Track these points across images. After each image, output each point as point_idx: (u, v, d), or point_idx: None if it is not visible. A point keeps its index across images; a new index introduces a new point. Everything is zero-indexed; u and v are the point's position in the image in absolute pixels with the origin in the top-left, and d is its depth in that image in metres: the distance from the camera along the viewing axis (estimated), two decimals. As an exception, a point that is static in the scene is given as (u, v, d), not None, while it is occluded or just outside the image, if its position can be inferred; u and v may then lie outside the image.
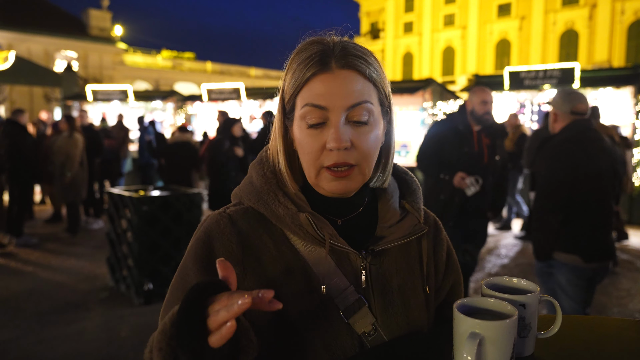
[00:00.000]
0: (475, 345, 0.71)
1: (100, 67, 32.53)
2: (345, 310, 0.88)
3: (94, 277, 5.52)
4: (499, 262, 6.21)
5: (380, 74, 0.89)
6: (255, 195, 0.92)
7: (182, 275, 0.90)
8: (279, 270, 0.88)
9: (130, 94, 14.29)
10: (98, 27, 33.92)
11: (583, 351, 0.85)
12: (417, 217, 0.97)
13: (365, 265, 0.91)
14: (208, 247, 0.89)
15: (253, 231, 0.90)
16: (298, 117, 0.87)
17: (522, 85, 9.39)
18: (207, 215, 0.95)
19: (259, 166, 0.96)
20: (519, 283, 0.89)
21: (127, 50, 36.41)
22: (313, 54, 0.85)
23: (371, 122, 0.86)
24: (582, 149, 2.75)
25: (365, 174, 0.88)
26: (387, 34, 42.86)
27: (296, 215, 0.88)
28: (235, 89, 12.99)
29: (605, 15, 30.88)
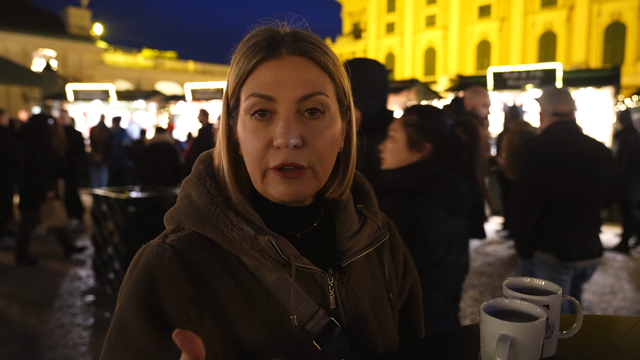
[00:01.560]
0: (506, 347, 0.70)
1: (80, 66, 32.00)
2: (317, 337, 0.78)
3: (78, 279, 5.42)
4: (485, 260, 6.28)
5: (338, 67, 0.78)
6: (200, 218, 0.77)
7: (122, 328, 0.72)
8: (240, 304, 0.75)
9: (112, 94, 14.09)
10: (77, 26, 33.34)
11: (603, 351, 0.85)
12: (376, 221, 0.90)
13: (333, 284, 0.82)
14: (151, 290, 0.72)
15: (203, 262, 0.75)
16: (242, 112, 0.76)
17: (505, 86, 9.52)
18: (141, 249, 0.78)
19: (198, 182, 0.81)
20: (540, 284, 0.89)
21: (107, 49, 35.90)
22: (260, 41, 0.74)
23: (327, 117, 0.76)
24: (556, 151, 2.78)
25: (320, 178, 0.77)
26: (369, 34, 43.03)
27: (255, 238, 0.74)
28: (219, 89, 12.89)
29: (583, 17, 31.48)
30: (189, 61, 40.55)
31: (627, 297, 5.00)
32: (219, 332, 0.73)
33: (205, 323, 0.72)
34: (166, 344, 0.69)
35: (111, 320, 0.76)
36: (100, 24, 35.86)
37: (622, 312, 4.69)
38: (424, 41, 39.78)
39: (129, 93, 17.15)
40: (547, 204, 2.78)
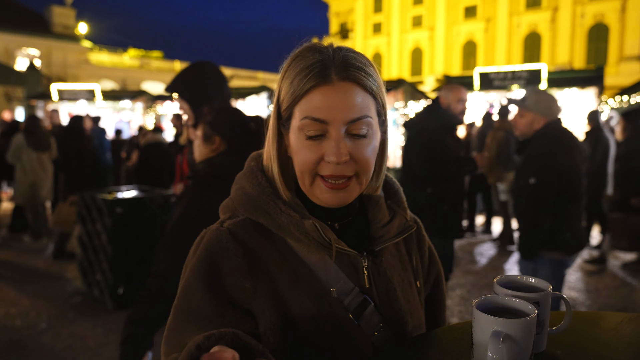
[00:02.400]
0: (499, 343, 0.72)
1: (64, 66, 31.58)
2: (354, 312, 0.89)
3: (64, 281, 5.36)
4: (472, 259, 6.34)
5: (379, 84, 0.88)
6: (253, 205, 0.90)
7: (187, 297, 0.86)
8: (287, 279, 0.87)
9: (98, 94, 13.94)
10: (62, 25, 32.90)
11: (592, 346, 0.87)
12: (404, 215, 1.00)
13: (367, 265, 0.92)
14: (213, 264, 0.86)
15: (256, 243, 0.88)
16: (296, 128, 0.85)
17: (491, 86, 9.60)
18: (203, 232, 0.92)
19: (251, 176, 0.93)
20: (530, 281, 0.90)
21: (92, 49, 35.47)
22: (313, 64, 0.83)
23: (370, 135, 0.86)
24: (564, 151, 2.88)
25: (363, 184, 0.88)
26: (356, 34, 43.14)
27: (301, 222, 0.87)
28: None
29: (567, 18, 31.90)
30: (175, 61, 40.26)
31: (612, 294, 5.09)
32: (270, 302, 0.85)
33: (257, 293, 0.85)
34: (223, 311, 0.83)
35: (178, 291, 0.88)
36: (85, 23, 35.41)
37: (607, 309, 4.77)
38: (411, 41, 39.99)
39: (115, 93, 16.96)
40: (557, 203, 2.88)
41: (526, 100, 3.02)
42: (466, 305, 4.63)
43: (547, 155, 2.88)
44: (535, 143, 2.95)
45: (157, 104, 13.66)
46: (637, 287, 5.34)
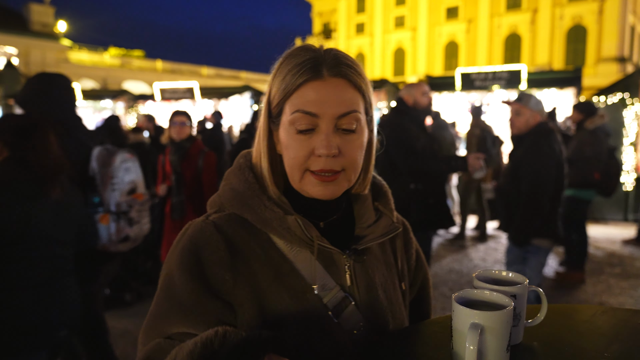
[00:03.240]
0: (477, 335, 0.74)
1: (43, 65, 31.04)
2: (334, 309, 0.89)
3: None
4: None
5: (367, 83, 0.91)
6: (239, 200, 0.92)
7: (169, 286, 0.87)
8: (268, 274, 0.88)
9: (78, 93, 13.74)
10: (40, 23, 32.36)
11: (566, 337, 0.91)
12: (391, 217, 1.01)
13: (350, 264, 0.93)
14: (195, 255, 0.87)
15: (239, 237, 0.90)
16: (287, 122, 0.87)
17: (472, 86, 9.72)
18: (187, 225, 0.94)
19: (239, 172, 0.95)
20: (508, 275, 0.93)
21: (71, 47, 34.94)
22: (305, 61, 0.86)
23: (358, 130, 0.88)
24: (556, 146, 3.17)
25: (351, 180, 0.90)
26: (339, 34, 43.27)
27: (284, 218, 0.88)
28: (189, 89, 12.75)
29: (546, 20, 32.45)
30: (157, 60, 39.86)
31: (588, 291, 5.20)
32: (249, 295, 0.87)
33: (237, 285, 0.86)
34: (205, 301, 0.84)
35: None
36: (64, 21, 34.79)
37: (585, 303, 4.88)
38: (394, 42, 40.26)
39: (96, 92, 16.75)
40: (554, 193, 3.15)
41: (522, 99, 3.26)
42: (449, 303, 4.68)
43: (545, 148, 3.13)
44: (532, 138, 3.18)
45: (139, 103, 13.53)
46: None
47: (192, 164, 3.85)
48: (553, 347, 0.87)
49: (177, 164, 3.88)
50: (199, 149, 3.95)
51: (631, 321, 0.96)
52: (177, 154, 3.89)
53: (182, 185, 3.83)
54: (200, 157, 3.88)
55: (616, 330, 0.93)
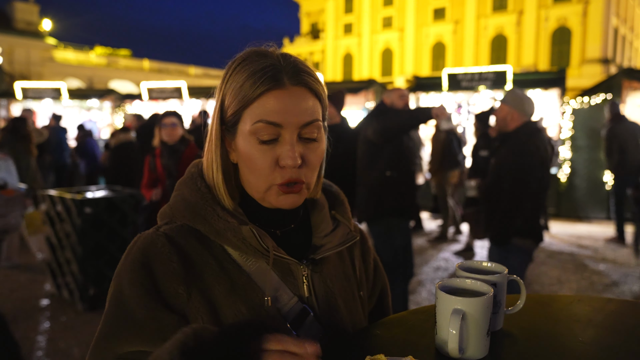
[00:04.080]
0: (459, 320, 0.79)
1: (27, 63, 30.67)
2: (292, 321, 0.87)
3: (32, 283, 5.25)
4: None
5: (324, 90, 0.90)
6: (191, 211, 0.88)
7: (118, 302, 0.82)
8: (223, 286, 0.85)
9: (64, 92, 13.62)
10: (24, 21, 31.95)
11: (544, 324, 0.95)
12: (348, 225, 1.00)
13: (307, 274, 0.91)
14: (146, 268, 0.83)
15: (192, 249, 0.86)
16: (247, 132, 0.84)
17: (459, 87, 9.83)
18: (136, 237, 0.89)
19: (190, 182, 0.92)
20: (489, 265, 0.98)
21: (57, 46, 34.55)
22: (264, 68, 0.83)
23: (319, 138, 0.87)
24: (541, 145, 3.18)
25: (311, 188, 0.90)
26: (327, 34, 43.31)
27: (238, 228, 0.85)
28: (176, 88, 12.70)
29: (531, 21, 32.83)
30: (144, 59, 39.58)
31: (573, 288, 5.30)
32: (204, 309, 0.83)
33: (191, 299, 0.83)
34: (159, 316, 0.80)
35: (107, 299, 0.86)
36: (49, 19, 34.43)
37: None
38: (381, 42, 40.41)
39: (82, 92, 16.60)
40: (538, 193, 3.18)
41: (508, 98, 3.35)
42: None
43: (530, 146, 3.15)
44: (517, 136, 3.21)
45: (126, 103, 13.44)
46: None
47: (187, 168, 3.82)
48: (531, 333, 0.92)
49: (173, 168, 3.70)
50: (194, 152, 3.77)
51: (605, 308, 1.01)
52: (173, 158, 3.71)
53: None
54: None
55: (590, 316, 0.98)
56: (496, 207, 3.21)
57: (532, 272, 5.67)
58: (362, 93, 10.84)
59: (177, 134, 3.75)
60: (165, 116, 3.77)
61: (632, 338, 0.88)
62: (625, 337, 0.89)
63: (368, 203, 3.72)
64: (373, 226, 3.77)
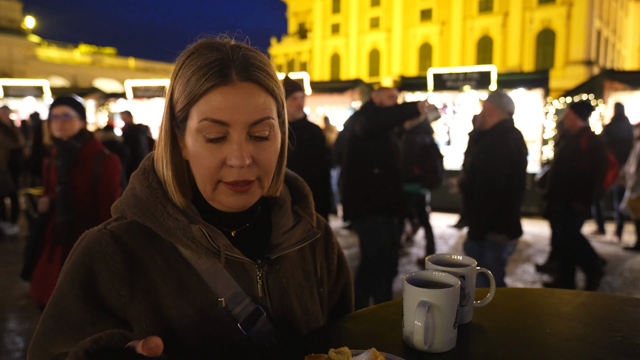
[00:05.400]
0: (424, 311, 0.78)
1: (9, 61, 30.20)
2: (244, 322, 0.85)
3: (9, 283, 5.16)
4: (426, 255, 6.52)
5: (279, 86, 0.85)
6: (140, 208, 0.84)
7: (58, 303, 0.80)
8: (171, 286, 0.82)
9: (47, 90, 13.43)
10: (7, 18, 31.45)
11: (513, 317, 0.95)
12: (310, 221, 0.96)
13: (262, 274, 0.89)
14: (88, 269, 0.80)
15: (140, 247, 0.83)
16: (194, 130, 0.80)
17: (444, 87, 9.88)
18: (83, 234, 0.86)
19: (142, 176, 0.88)
20: (458, 258, 0.98)
21: (40, 44, 34.06)
22: (211, 63, 0.78)
23: (272, 136, 0.83)
24: (514, 142, 3.22)
25: (265, 187, 0.85)
26: (314, 34, 43.32)
27: (188, 227, 0.82)
28: (161, 87, 12.50)
29: (516, 23, 33.17)
30: (129, 58, 39.21)
31: (558, 285, 5.35)
32: (147, 311, 0.81)
33: (134, 301, 0.80)
34: (95, 320, 0.78)
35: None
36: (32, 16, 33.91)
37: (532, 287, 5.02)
38: (369, 42, 40.53)
39: (65, 90, 16.39)
40: (507, 189, 3.21)
41: (488, 97, 3.42)
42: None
43: (499, 144, 3.20)
44: (491, 134, 3.26)
45: (110, 101, 13.30)
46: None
47: (85, 171, 2.86)
48: (500, 326, 0.92)
49: (64, 172, 2.83)
50: (95, 150, 2.93)
51: (574, 301, 1.02)
52: (64, 158, 2.84)
53: (70, 200, 2.81)
54: (97, 162, 2.88)
55: (559, 309, 0.98)
56: (470, 203, 3.27)
57: (515, 270, 5.72)
58: (349, 93, 10.86)
59: (72, 127, 2.87)
60: (56, 105, 2.89)
61: (598, 329, 0.89)
62: (593, 328, 0.89)
63: (355, 200, 3.71)
64: (360, 223, 3.77)
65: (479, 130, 3.45)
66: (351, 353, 0.74)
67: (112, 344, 0.62)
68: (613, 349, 0.81)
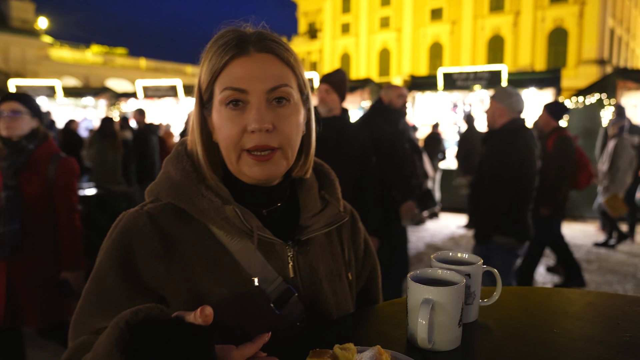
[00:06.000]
0: (428, 309, 0.77)
1: (23, 62, 30.55)
2: (276, 301, 0.87)
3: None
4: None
5: (298, 62, 0.89)
6: (175, 190, 0.88)
7: (99, 280, 0.84)
8: (205, 265, 0.85)
9: (59, 90, 13.57)
10: (20, 19, 31.85)
11: (520, 316, 0.94)
12: (337, 206, 0.99)
13: (292, 255, 0.91)
14: (126, 247, 0.84)
15: (175, 227, 0.87)
16: (217, 103, 0.85)
17: (454, 86, 9.84)
18: (121, 215, 0.90)
19: (176, 160, 0.92)
20: (464, 256, 0.97)
21: (52, 44, 34.43)
22: (229, 40, 0.84)
23: (292, 105, 0.86)
24: (524, 143, 3.11)
25: (289, 157, 0.87)
26: (325, 34, 43.29)
27: (221, 207, 0.85)
28: (172, 86, 12.68)
29: (528, 22, 32.87)
30: (140, 58, 39.49)
31: (566, 286, 5.30)
32: (184, 288, 0.84)
33: (171, 278, 0.84)
34: (133, 295, 0.82)
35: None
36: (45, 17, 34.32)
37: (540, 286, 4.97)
38: (379, 42, 40.40)
39: (77, 90, 16.55)
40: (518, 191, 3.11)
41: (495, 95, 3.31)
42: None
43: (509, 144, 3.11)
44: (501, 134, 3.18)
45: (121, 101, 13.41)
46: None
47: (37, 175, 2.55)
48: (506, 325, 0.91)
49: (10, 175, 2.50)
50: (49, 152, 2.62)
51: (582, 300, 1.00)
52: (11, 159, 2.52)
53: (18, 208, 2.47)
54: (52, 166, 2.58)
55: (567, 308, 0.97)
56: (478, 205, 3.20)
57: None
58: (358, 92, 10.84)
59: (21, 125, 2.55)
60: (4, 101, 2.59)
61: (606, 329, 0.87)
62: (601, 327, 0.88)
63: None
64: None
65: (489, 129, 3.36)
66: (356, 350, 0.74)
67: (151, 315, 0.64)
68: (621, 349, 0.80)
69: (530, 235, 3.21)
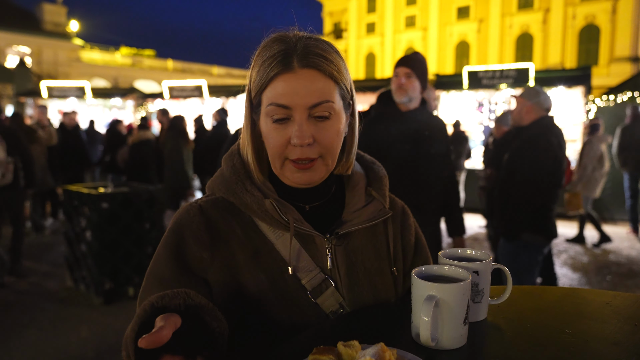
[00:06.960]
0: (431, 306, 0.75)
1: (55, 64, 31.41)
2: (313, 291, 0.93)
3: (51, 277, 5.36)
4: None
5: (341, 69, 0.92)
6: (225, 185, 0.98)
7: (156, 263, 0.95)
8: (247, 253, 0.93)
9: (88, 91, 13.89)
10: (52, 22, 32.74)
11: (531, 315, 0.91)
12: (382, 202, 1.02)
13: (331, 247, 0.96)
14: (178, 235, 0.94)
15: (222, 219, 0.95)
16: (264, 114, 0.91)
17: (480, 85, 9.67)
18: (182, 206, 1.01)
19: (228, 158, 1.01)
20: (473, 253, 0.94)
21: (83, 47, 35.31)
22: (276, 53, 0.88)
23: (332, 117, 0.90)
24: (556, 140, 3.07)
25: (329, 164, 0.93)
26: (350, 34, 43.18)
27: (262, 201, 0.93)
28: (197, 87, 12.83)
29: (558, 19, 32.10)
30: (168, 59, 40.13)
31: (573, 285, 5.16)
32: (225, 273, 0.92)
33: (214, 264, 0.92)
34: (181, 277, 0.90)
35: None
36: (76, 20, 35.19)
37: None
38: (404, 41, 40.07)
39: (106, 90, 16.92)
40: (550, 188, 3.06)
41: (524, 93, 3.27)
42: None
43: (543, 141, 3.06)
44: (531, 130, 3.12)
45: (148, 101, 13.64)
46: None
47: None
48: (517, 324, 0.88)
49: None
50: None
51: (597, 301, 0.96)
52: None
53: None
54: None
55: (581, 309, 0.93)
56: (507, 202, 3.12)
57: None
58: (382, 91, 10.78)
59: None
60: None
61: (622, 330, 0.83)
62: (616, 329, 0.84)
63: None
64: None
65: (516, 126, 3.30)
66: (360, 347, 0.73)
67: (173, 302, 0.72)
68: (636, 351, 0.76)
69: (556, 234, 3.14)
